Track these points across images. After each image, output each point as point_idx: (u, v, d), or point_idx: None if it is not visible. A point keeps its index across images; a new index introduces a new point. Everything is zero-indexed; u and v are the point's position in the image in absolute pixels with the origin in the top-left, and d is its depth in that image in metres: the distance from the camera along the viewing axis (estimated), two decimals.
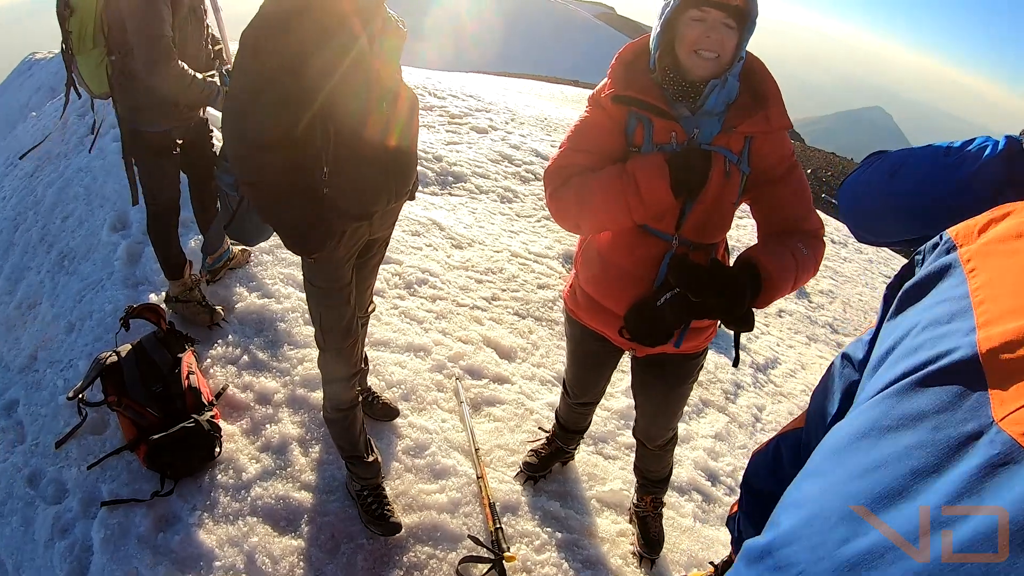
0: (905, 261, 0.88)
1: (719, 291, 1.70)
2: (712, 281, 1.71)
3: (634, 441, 2.63)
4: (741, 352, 2.54)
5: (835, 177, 22.95)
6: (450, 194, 5.67)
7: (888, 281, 0.99)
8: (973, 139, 1.32)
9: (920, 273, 0.80)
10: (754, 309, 1.77)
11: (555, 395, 3.38)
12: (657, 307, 1.80)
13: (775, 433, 1.16)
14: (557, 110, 9.71)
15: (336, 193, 2.03)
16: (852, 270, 8.36)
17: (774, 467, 1.11)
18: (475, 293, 4.18)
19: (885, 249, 12.31)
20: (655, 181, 1.74)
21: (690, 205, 1.86)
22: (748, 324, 1.75)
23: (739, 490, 1.27)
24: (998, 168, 1.21)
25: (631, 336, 1.91)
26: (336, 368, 2.40)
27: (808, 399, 3.50)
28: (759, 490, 1.16)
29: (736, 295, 1.69)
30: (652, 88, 1.82)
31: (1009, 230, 0.72)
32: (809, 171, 22.86)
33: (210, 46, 3.14)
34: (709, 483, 3.30)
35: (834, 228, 10.63)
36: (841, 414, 0.86)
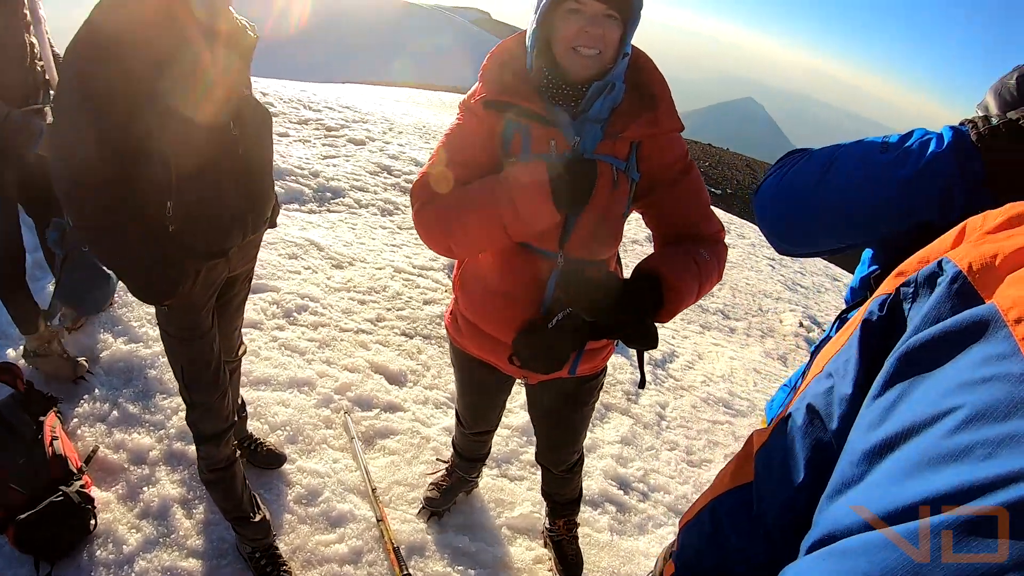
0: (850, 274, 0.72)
1: (616, 308, 1.52)
2: (608, 297, 1.53)
3: None
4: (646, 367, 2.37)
5: (712, 166, 24.00)
6: (328, 211, 5.37)
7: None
8: (909, 133, 1.24)
9: (932, 330, 0.60)
10: (657, 324, 1.61)
11: (451, 418, 3.19)
12: (548, 331, 1.60)
13: (702, 495, 0.92)
14: (435, 117, 9.54)
15: (184, 230, 1.76)
16: (736, 255, 8.63)
17: (716, 538, 0.88)
18: (359, 316, 3.92)
19: None
20: (533, 193, 1.54)
21: (574, 219, 1.66)
22: (651, 341, 1.57)
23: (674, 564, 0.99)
24: (948, 163, 1.13)
25: (522, 364, 1.71)
26: (207, 425, 2.12)
27: (708, 388, 3.45)
28: (703, 568, 0.93)
29: (635, 311, 1.53)
30: (529, 92, 1.62)
31: None
32: None
33: (39, 70, 2.55)
34: (621, 492, 3.20)
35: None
36: (812, 482, 0.70)
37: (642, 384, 1.77)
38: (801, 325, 6.79)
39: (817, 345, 1.68)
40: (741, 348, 5.88)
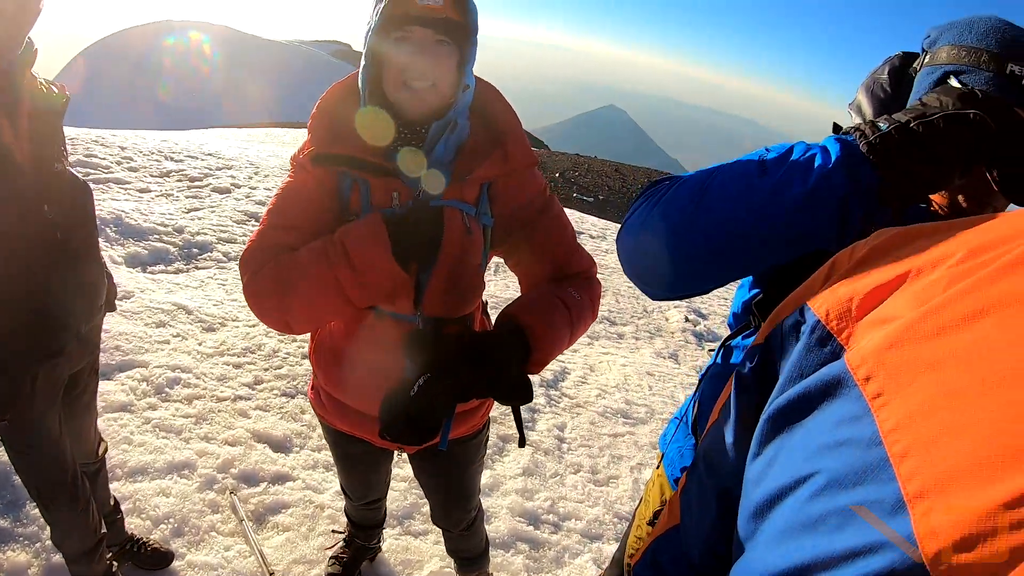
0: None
1: (479, 365, 1.35)
2: (467, 355, 1.36)
3: None
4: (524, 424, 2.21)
5: (582, 175, 24.74)
6: (196, 268, 5.09)
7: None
8: (789, 149, 1.10)
9: (795, 390, 0.58)
10: (530, 375, 1.47)
11: None
12: (411, 401, 1.39)
13: (645, 538, 1.02)
14: None
15: (7, 332, 1.57)
16: (615, 260, 8.81)
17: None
18: (235, 381, 3.69)
19: None
20: (371, 250, 1.37)
21: (426, 276, 1.49)
22: (524, 395, 1.40)
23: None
24: (839, 180, 1.01)
25: (393, 439, 1.48)
26: (73, 543, 1.93)
27: (604, 401, 3.45)
28: None
29: (500, 366, 1.36)
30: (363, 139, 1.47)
31: (919, 322, 0.49)
32: (557, 174, 24.47)
33: None
34: (531, 527, 3.15)
35: (590, 224, 11.23)
36: (723, 523, 0.73)
37: (522, 443, 1.63)
38: (687, 320, 7.03)
39: (703, 374, 1.66)
40: (631, 353, 6.00)
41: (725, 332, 2.78)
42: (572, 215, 12.09)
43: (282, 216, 1.51)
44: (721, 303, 7.96)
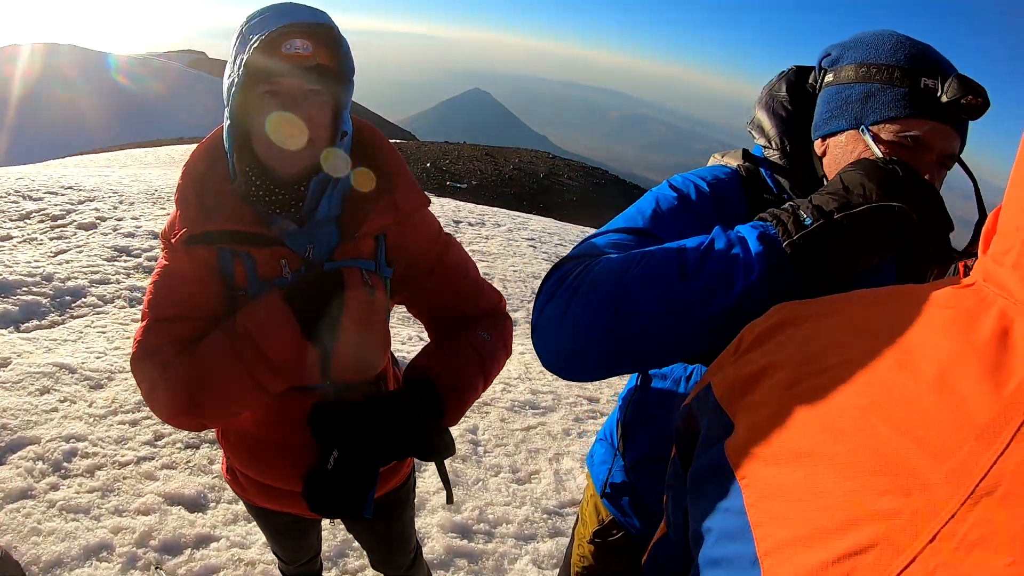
0: None
1: (390, 429, 1.33)
2: (376, 421, 1.32)
3: None
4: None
5: (453, 163, 24.64)
6: (72, 317, 4.77)
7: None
8: (710, 243, 1.02)
9: (700, 462, 0.73)
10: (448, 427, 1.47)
11: None
12: (330, 476, 1.36)
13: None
14: (164, 176, 8.81)
15: None
16: (497, 246, 8.88)
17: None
18: (135, 440, 3.52)
19: (522, 214, 13.40)
20: (279, 332, 1.28)
21: (331, 343, 1.36)
22: (444, 449, 1.38)
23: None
24: (762, 292, 0.96)
25: (322, 515, 1.48)
26: None
27: (510, 395, 3.56)
28: None
29: (414, 426, 1.33)
30: (238, 208, 1.34)
31: (769, 419, 0.64)
32: (428, 164, 24.28)
33: None
34: (465, 541, 3.23)
35: (467, 212, 11.23)
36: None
37: (449, 499, 1.61)
38: None
39: (624, 396, 1.71)
40: (528, 339, 6.10)
41: None
42: (448, 204, 12.06)
43: (166, 308, 1.39)
44: None
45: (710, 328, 0.99)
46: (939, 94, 1.09)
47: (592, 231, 1.37)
